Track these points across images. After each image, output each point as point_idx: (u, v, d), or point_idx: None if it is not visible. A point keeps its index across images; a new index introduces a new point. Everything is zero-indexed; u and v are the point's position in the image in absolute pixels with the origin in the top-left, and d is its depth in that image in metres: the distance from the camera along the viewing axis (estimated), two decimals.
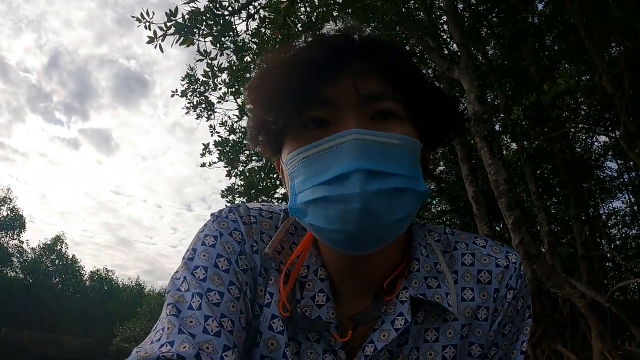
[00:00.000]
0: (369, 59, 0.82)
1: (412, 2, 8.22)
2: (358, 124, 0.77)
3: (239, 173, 9.97)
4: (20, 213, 48.05)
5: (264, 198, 9.65)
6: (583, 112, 10.34)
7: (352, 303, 0.91)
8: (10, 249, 47.82)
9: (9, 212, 47.21)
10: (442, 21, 8.26)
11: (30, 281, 48.62)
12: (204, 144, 10.08)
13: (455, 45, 7.22)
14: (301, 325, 0.87)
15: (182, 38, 6.27)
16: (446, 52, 8.43)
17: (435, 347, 0.90)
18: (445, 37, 8.59)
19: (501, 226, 9.88)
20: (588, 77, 7.84)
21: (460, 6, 7.63)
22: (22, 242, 49.43)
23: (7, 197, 47.59)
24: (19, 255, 48.90)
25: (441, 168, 12.05)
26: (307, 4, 7.33)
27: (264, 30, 7.51)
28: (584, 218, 9.45)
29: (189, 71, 9.71)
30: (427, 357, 0.90)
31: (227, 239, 0.90)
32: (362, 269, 0.89)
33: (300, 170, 0.81)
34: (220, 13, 6.56)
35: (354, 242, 0.78)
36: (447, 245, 0.98)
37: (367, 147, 0.75)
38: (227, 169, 9.95)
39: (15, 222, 47.45)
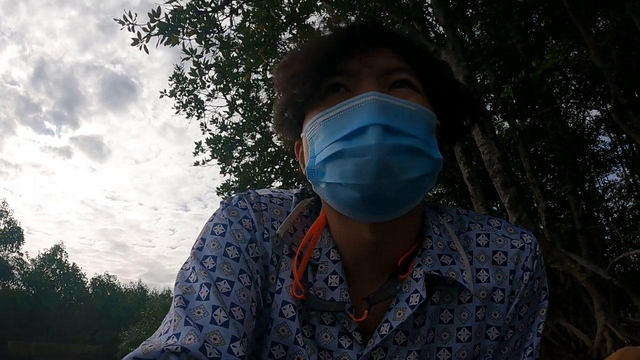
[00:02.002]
0: (387, 41, 0.87)
1: None
2: (378, 90, 0.80)
3: (233, 169, 9.97)
4: (18, 225, 47.93)
5: None
6: (573, 87, 10.35)
7: (365, 284, 0.90)
8: (10, 262, 47.74)
9: (5, 225, 47.10)
10: (427, 4, 8.23)
11: (33, 292, 48.57)
12: (196, 143, 10.11)
13: (440, 28, 7.20)
14: (315, 306, 0.86)
15: (167, 37, 6.23)
16: (432, 34, 8.40)
17: (449, 328, 0.90)
18: (430, 19, 8.56)
19: (498, 206, 9.89)
20: (576, 52, 7.84)
21: None
22: (22, 254, 49.32)
23: (3, 210, 47.46)
24: (19, 268, 48.82)
25: None
26: None
27: (248, 24, 7.46)
28: (579, 193, 9.49)
29: (176, 70, 9.71)
30: (441, 338, 0.90)
31: (236, 227, 0.90)
32: (376, 251, 0.88)
33: (320, 132, 0.81)
34: (203, 10, 6.52)
35: (370, 200, 0.76)
36: (460, 225, 0.98)
37: (385, 106, 0.76)
38: (221, 165, 9.95)
39: (13, 235, 47.30)
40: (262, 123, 10.03)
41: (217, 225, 0.90)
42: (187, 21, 6.42)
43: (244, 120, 10.15)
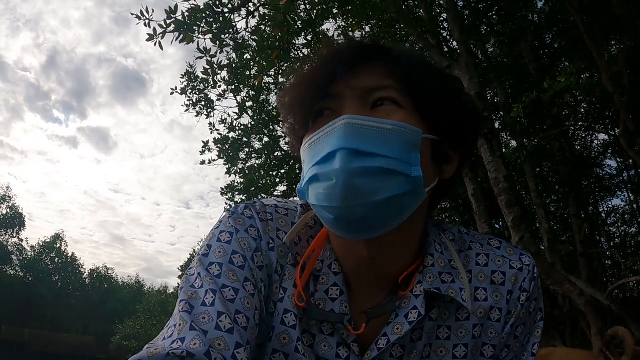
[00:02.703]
0: (372, 60, 0.88)
1: None
2: (356, 112, 0.82)
3: (239, 170, 9.98)
4: (20, 211, 47.90)
5: (263, 195, 9.67)
6: (582, 110, 10.34)
7: (365, 298, 0.92)
8: (9, 247, 47.71)
9: (8, 210, 47.09)
10: (442, 18, 8.25)
11: (30, 279, 48.52)
12: (203, 142, 10.14)
13: (454, 43, 7.21)
14: (315, 315, 0.87)
15: (182, 35, 6.25)
16: (446, 49, 8.42)
17: (446, 344, 0.91)
18: (444, 34, 8.57)
19: (500, 224, 9.88)
20: (587, 75, 7.83)
21: (460, 3, 7.60)
22: (22, 240, 49.32)
23: (7, 195, 47.47)
24: (18, 253, 48.78)
25: None
26: (306, 1, 7.32)
27: (263, 28, 7.49)
28: (583, 216, 9.46)
29: (188, 68, 9.72)
30: (437, 354, 0.91)
31: (242, 235, 0.91)
32: (373, 266, 0.90)
33: (306, 156, 0.86)
34: (219, 10, 6.55)
35: (343, 221, 0.80)
36: (461, 244, 0.99)
37: (356, 129, 0.79)
38: (227, 166, 9.96)
39: (15, 220, 47.30)
40: (271, 126, 10.06)
41: (223, 233, 0.91)
42: (204, 20, 6.44)
43: (253, 123, 10.18)
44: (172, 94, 9.80)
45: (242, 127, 10.30)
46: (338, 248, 0.93)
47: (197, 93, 9.95)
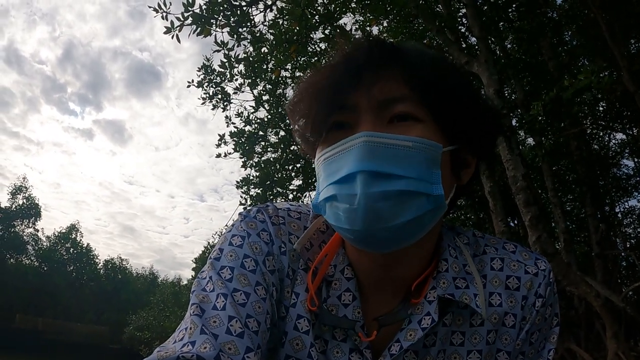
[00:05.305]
0: (390, 66, 0.84)
1: None
2: (372, 127, 0.80)
3: (254, 164, 10.00)
4: (36, 201, 48.52)
5: (278, 189, 9.68)
6: (600, 109, 10.22)
7: (378, 304, 0.92)
8: (25, 237, 48.36)
9: (24, 200, 47.69)
10: (461, 14, 8.18)
11: (45, 269, 49.10)
12: (219, 135, 10.17)
13: (473, 39, 7.15)
14: (327, 321, 0.87)
15: (199, 28, 6.25)
16: (464, 45, 8.35)
17: (460, 350, 0.90)
18: (463, 30, 8.51)
19: (516, 222, 9.80)
20: (606, 74, 7.73)
21: None
22: (37, 230, 49.95)
23: (23, 185, 48.08)
24: (34, 243, 49.42)
25: None
26: None
27: (281, 22, 7.48)
28: (599, 216, 9.36)
29: (205, 62, 9.74)
30: None
31: (254, 239, 0.91)
32: (388, 272, 0.89)
33: (321, 170, 0.85)
34: (237, 3, 6.53)
35: (365, 242, 0.80)
36: (476, 248, 0.98)
37: (374, 148, 0.77)
38: (243, 159, 9.99)
39: (31, 211, 47.87)
40: (287, 120, 10.04)
41: (235, 237, 0.91)
42: (221, 14, 6.43)
43: (269, 116, 10.22)
44: (188, 86, 9.85)
45: (258, 120, 10.36)
46: (352, 254, 0.92)
47: (214, 86, 10.00)
